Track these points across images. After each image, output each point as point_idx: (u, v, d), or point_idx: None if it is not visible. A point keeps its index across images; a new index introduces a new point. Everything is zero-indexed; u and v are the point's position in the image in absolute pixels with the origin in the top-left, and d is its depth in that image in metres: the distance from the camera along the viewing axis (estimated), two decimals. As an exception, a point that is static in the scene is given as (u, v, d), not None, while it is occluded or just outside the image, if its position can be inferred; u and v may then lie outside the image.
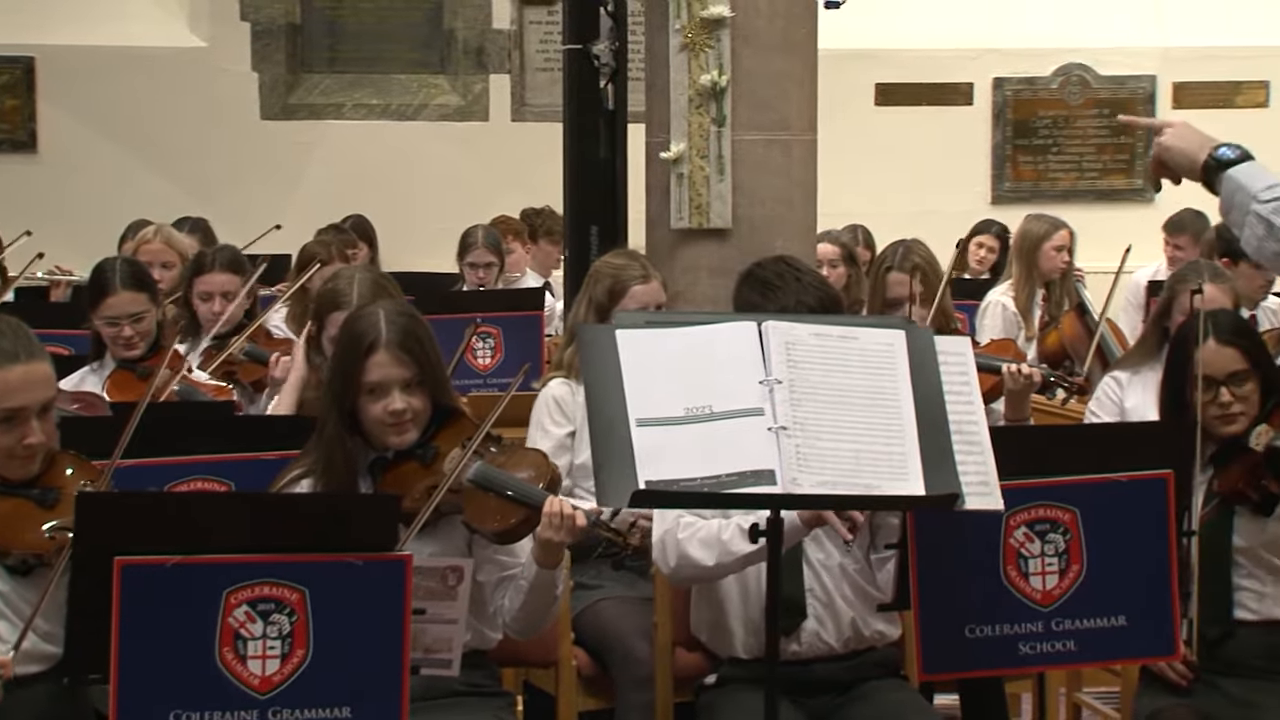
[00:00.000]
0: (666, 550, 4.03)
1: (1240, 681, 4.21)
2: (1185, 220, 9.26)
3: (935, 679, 4.24)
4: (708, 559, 3.98)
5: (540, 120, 10.69)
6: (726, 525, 3.96)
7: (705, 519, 4.03)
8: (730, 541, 3.94)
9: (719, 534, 3.97)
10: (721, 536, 3.96)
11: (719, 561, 3.98)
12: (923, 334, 3.59)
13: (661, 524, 4.05)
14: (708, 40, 5.99)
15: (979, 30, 11.78)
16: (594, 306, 4.95)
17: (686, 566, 4.03)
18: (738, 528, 3.91)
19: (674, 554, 4.02)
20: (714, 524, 4.00)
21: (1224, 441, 4.24)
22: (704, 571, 4.03)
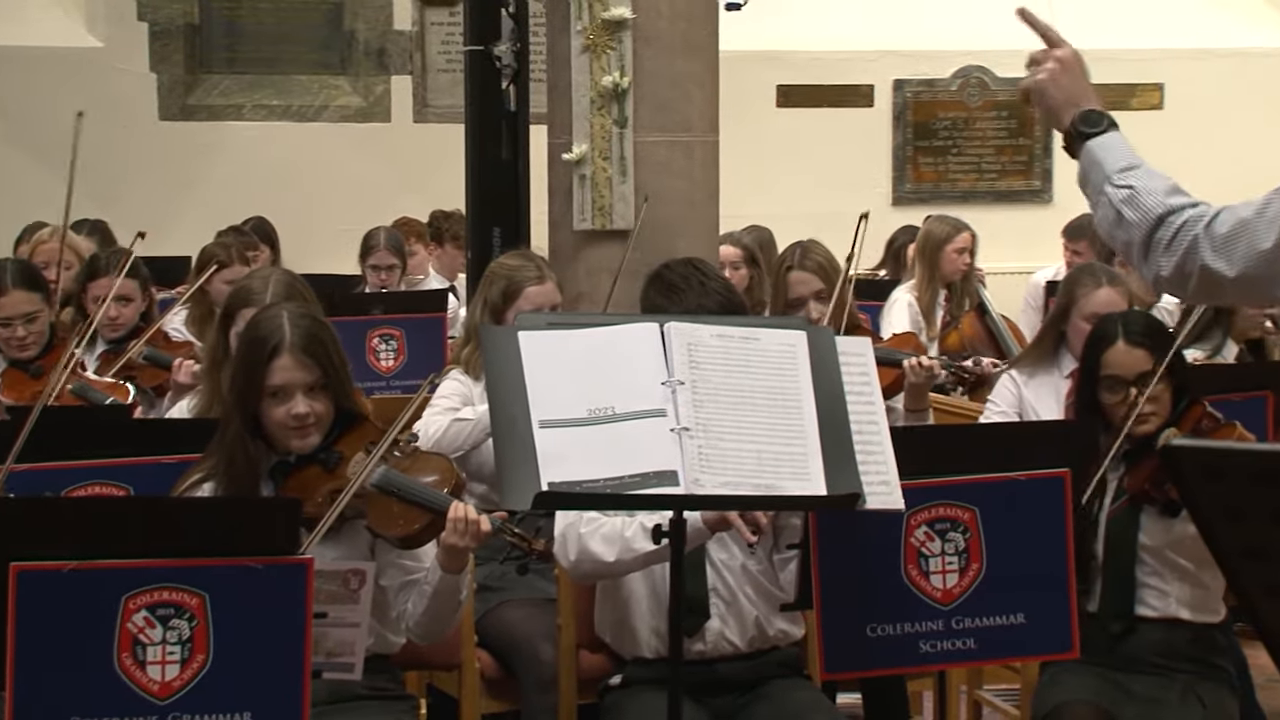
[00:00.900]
0: (568, 544, 4.03)
1: (1140, 678, 4.25)
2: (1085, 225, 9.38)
3: (837, 678, 4.26)
4: (609, 555, 3.98)
5: (442, 121, 10.66)
6: (630, 522, 3.96)
7: (609, 515, 4.03)
8: (633, 539, 3.94)
9: (622, 530, 3.97)
10: (624, 534, 3.96)
11: (620, 558, 3.98)
12: (824, 335, 3.61)
13: (564, 518, 4.05)
14: (609, 42, 6.00)
15: (879, 32, 11.86)
16: (489, 307, 4.94)
17: (587, 561, 4.03)
18: (640, 525, 3.92)
19: (575, 548, 4.02)
20: (618, 520, 4.00)
21: (1136, 441, 4.29)
22: (604, 568, 4.03)
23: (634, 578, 4.15)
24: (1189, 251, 2.83)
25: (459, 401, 4.86)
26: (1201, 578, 4.25)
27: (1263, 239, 2.77)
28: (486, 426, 4.60)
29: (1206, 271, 2.81)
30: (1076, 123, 2.97)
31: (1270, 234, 2.76)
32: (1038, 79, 3.04)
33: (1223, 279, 2.80)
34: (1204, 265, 2.81)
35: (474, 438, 4.73)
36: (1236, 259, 2.79)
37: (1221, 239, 2.80)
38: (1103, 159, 2.93)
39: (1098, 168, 2.94)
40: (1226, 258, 2.79)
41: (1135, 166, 2.92)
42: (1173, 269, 2.85)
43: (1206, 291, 2.86)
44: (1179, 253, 2.84)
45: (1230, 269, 2.79)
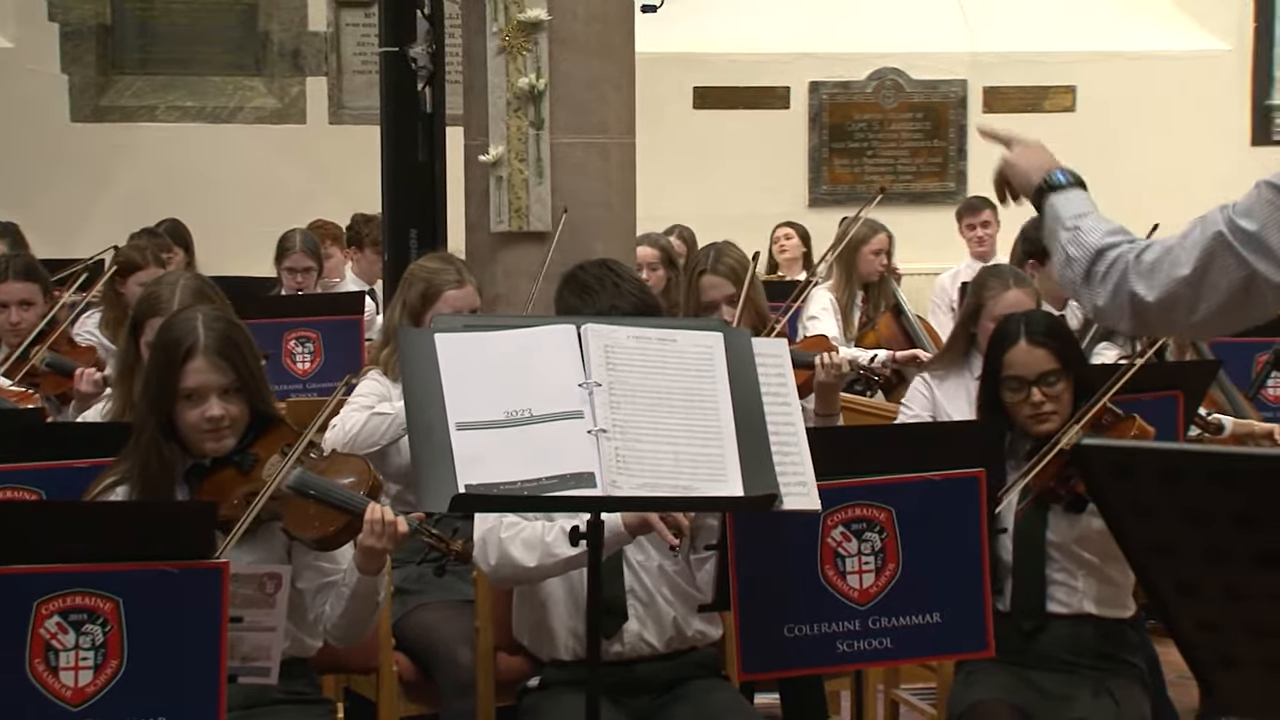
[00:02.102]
0: (488, 549, 4.02)
1: (1052, 675, 4.29)
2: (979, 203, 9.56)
3: (755, 678, 4.27)
4: (529, 560, 3.98)
5: (358, 123, 10.62)
6: (550, 527, 3.96)
7: (529, 519, 4.03)
8: (553, 544, 3.94)
9: (542, 535, 3.97)
10: (545, 538, 3.96)
11: (540, 563, 3.97)
12: (741, 336, 3.62)
13: (484, 522, 4.04)
14: (525, 44, 5.99)
15: (795, 35, 11.91)
16: (408, 310, 4.92)
17: (506, 566, 4.02)
18: (561, 530, 3.91)
19: (495, 553, 4.01)
20: (538, 525, 4.00)
21: (1038, 440, 4.33)
22: (524, 572, 4.02)
23: (552, 580, 4.15)
24: (1120, 281, 2.95)
25: (374, 401, 4.84)
26: (1109, 573, 4.30)
27: (1181, 265, 2.88)
28: (404, 422, 4.59)
29: (1134, 299, 2.93)
30: (1045, 179, 3.14)
31: (1189, 260, 2.87)
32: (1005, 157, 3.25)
33: (1144, 303, 2.92)
34: (1131, 292, 2.94)
35: (391, 433, 4.71)
36: (1156, 284, 2.90)
37: (1148, 266, 2.93)
38: (1060, 210, 3.13)
39: (1055, 219, 3.14)
40: (1148, 283, 2.92)
41: (1087, 214, 3.09)
42: (1107, 298, 2.98)
43: (1136, 317, 2.98)
44: (1112, 283, 2.96)
45: (1150, 293, 2.90)
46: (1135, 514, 1.78)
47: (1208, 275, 2.84)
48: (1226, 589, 1.78)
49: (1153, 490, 1.75)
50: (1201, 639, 1.85)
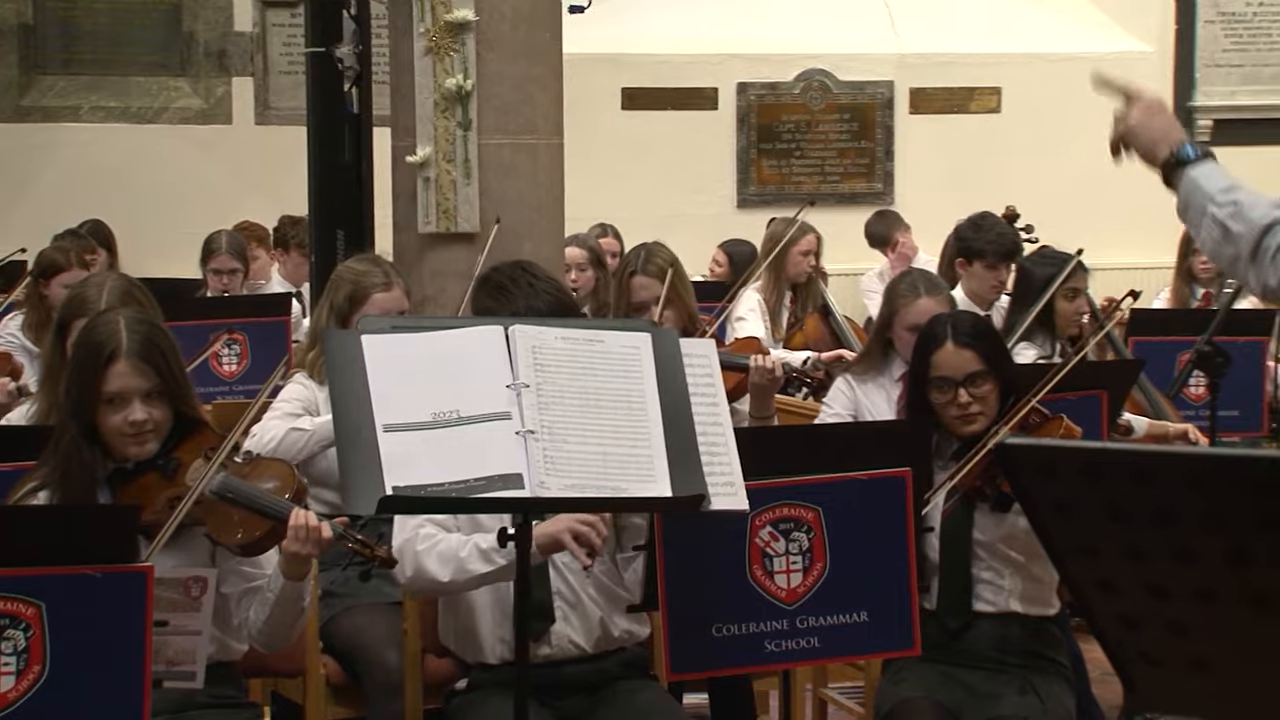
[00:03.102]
0: (404, 560, 4.00)
1: (978, 673, 4.31)
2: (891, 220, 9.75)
3: (683, 678, 4.28)
4: (443, 575, 3.97)
5: (285, 124, 10.55)
6: (465, 543, 3.95)
7: (447, 530, 4.02)
8: (467, 560, 3.93)
9: (457, 550, 3.95)
10: (459, 554, 3.95)
11: (454, 579, 3.97)
12: (668, 337, 3.63)
13: (401, 533, 4.03)
14: (452, 44, 5.98)
15: (723, 36, 11.92)
16: (335, 312, 4.90)
17: (422, 579, 4.02)
18: (475, 547, 3.91)
19: (411, 565, 4.00)
20: (454, 539, 3.98)
21: (964, 440, 4.35)
22: (439, 586, 4.02)
23: (479, 583, 4.14)
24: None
25: (299, 407, 4.81)
26: (1034, 571, 4.32)
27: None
28: (322, 439, 4.59)
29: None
30: (1175, 153, 3.03)
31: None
32: (1128, 123, 3.10)
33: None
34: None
35: (308, 449, 4.68)
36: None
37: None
38: (1204, 184, 2.99)
39: (1199, 192, 2.99)
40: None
41: (1237, 187, 2.97)
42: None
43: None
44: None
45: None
46: (1058, 513, 1.80)
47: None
48: (1148, 586, 1.80)
49: (1075, 489, 1.77)
50: (1124, 636, 1.86)
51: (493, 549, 3.87)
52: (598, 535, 3.81)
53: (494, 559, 3.88)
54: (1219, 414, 5.85)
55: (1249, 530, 1.70)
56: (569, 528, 3.79)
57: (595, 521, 3.82)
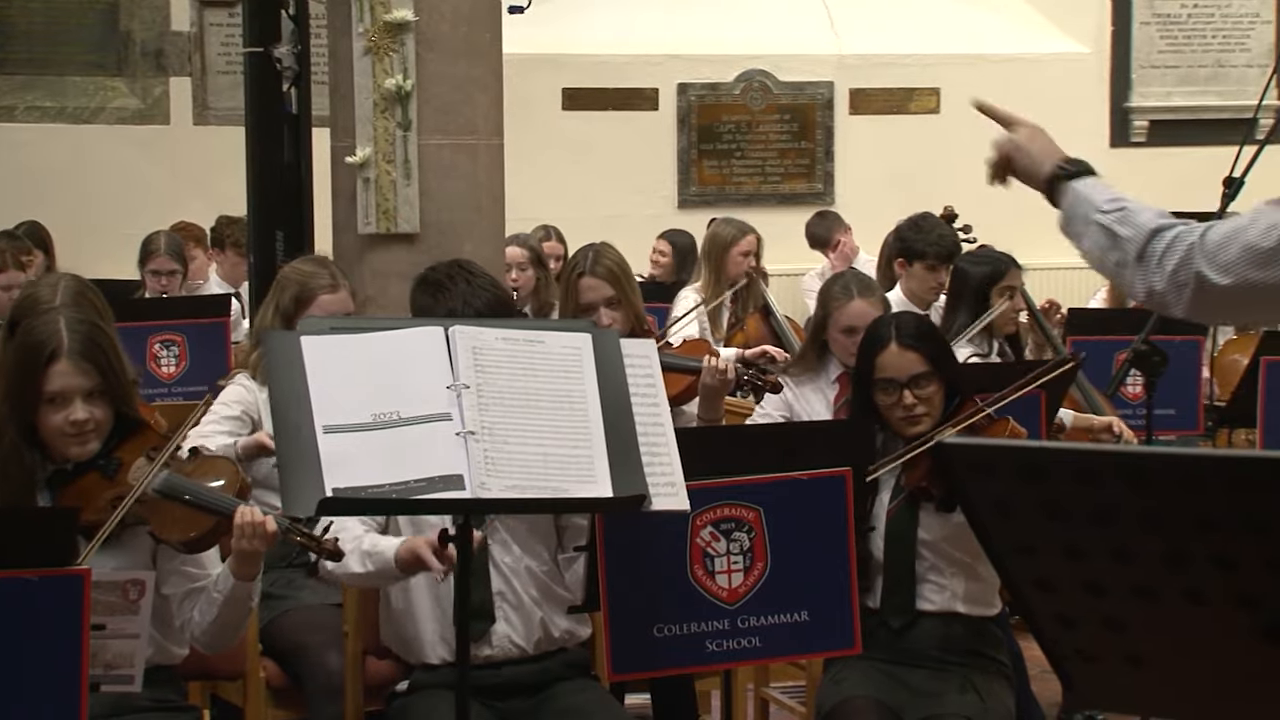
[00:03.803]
0: None
1: (919, 671, 4.33)
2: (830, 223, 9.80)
3: (625, 678, 4.28)
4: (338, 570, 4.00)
5: (223, 124, 10.50)
6: (358, 539, 3.99)
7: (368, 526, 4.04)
8: (349, 556, 3.94)
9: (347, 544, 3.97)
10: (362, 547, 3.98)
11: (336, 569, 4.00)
12: (609, 337, 3.63)
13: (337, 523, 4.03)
14: (392, 44, 5.96)
15: (663, 36, 11.94)
16: (280, 313, 4.87)
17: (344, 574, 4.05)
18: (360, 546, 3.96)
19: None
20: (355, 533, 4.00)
21: (909, 441, 4.37)
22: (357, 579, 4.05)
23: (418, 585, 4.13)
24: (1184, 261, 2.84)
25: (239, 410, 4.79)
26: (978, 571, 4.34)
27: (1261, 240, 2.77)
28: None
29: (1201, 279, 2.81)
30: (1059, 166, 3.05)
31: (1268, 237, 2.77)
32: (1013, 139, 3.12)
33: (1215, 287, 2.81)
34: (1199, 273, 2.81)
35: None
36: (1230, 266, 2.80)
37: (1215, 245, 2.81)
38: (1090, 195, 3.00)
39: (1084, 203, 3.00)
40: (1221, 265, 2.80)
41: (1124, 197, 2.98)
42: (1166, 281, 2.86)
43: (1200, 302, 2.85)
44: (1172, 263, 2.85)
45: (1224, 277, 2.80)
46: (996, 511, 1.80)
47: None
48: (1086, 584, 1.81)
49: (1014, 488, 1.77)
50: (1061, 634, 1.87)
51: (369, 551, 3.92)
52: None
53: (366, 564, 3.94)
54: (1156, 412, 5.90)
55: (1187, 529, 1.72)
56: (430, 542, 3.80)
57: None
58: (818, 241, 10.33)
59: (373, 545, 3.97)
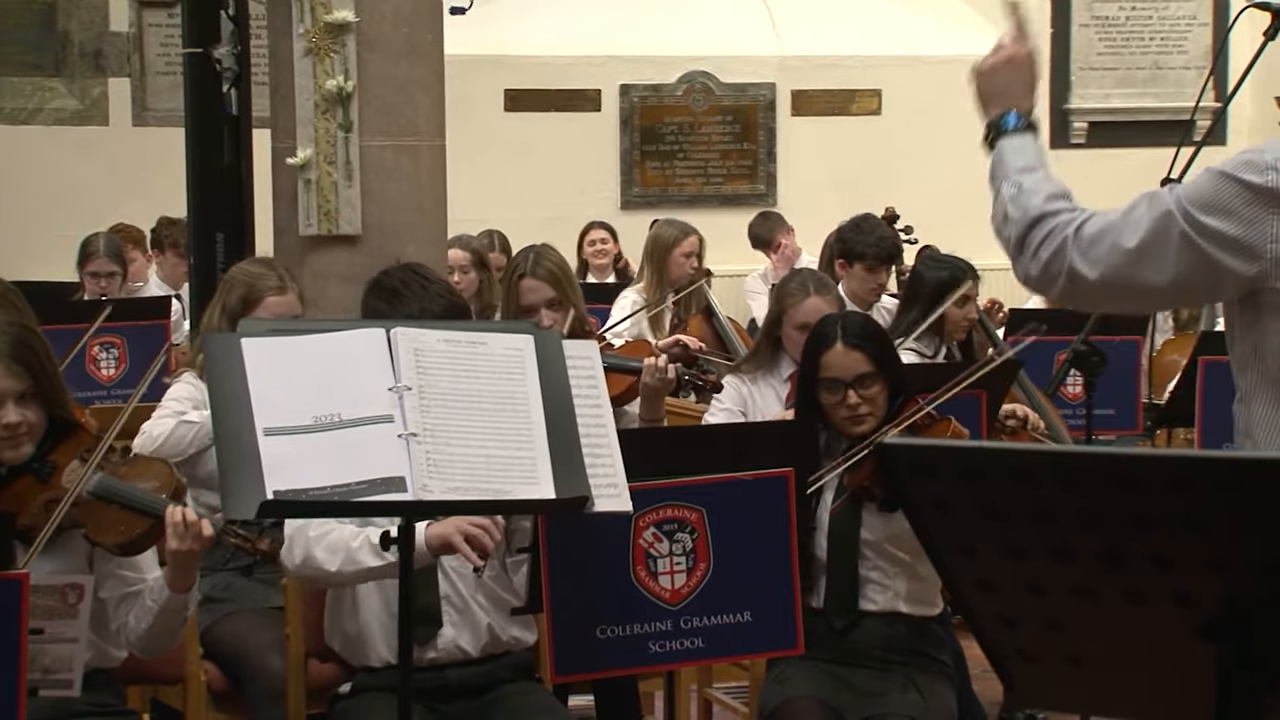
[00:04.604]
0: (294, 546, 3.98)
1: (862, 671, 4.34)
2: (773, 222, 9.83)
3: (568, 680, 4.28)
4: (331, 564, 3.95)
5: (162, 125, 10.45)
6: (358, 533, 3.93)
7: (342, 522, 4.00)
8: (358, 551, 3.91)
9: (349, 541, 3.93)
10: (350, 544, 3.93)
11: (341, 569, 3.95)
12: (551, 338, 3.63)
13: (293, 520, 4.00)
14: (333, 45, 5.93)
15: (604, 37, 11.94)
16: (227, 314, 4.84)
17: (310, 567, 3.99)
18: (368, 540, 3.89)
19: (301, 552, 3.98)
20: (347, 530, 3.96)
21: (853, 440, 4.38)
22: (326, 575, 4.00)
23: (365, 587, 4.12)
24: (1057, 253, 2.89)
25: (189, 405, 4.77)
26: (920, 571, 4.36)
27: (1126, 239, 2.82)
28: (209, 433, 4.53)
29: (1072, 272, 2.86)
30: (996, 120, 3.06)
31: (1134, 234, 2.82)
32: (981, 66, 3.12)
33: (1085, 280, 2.86)
34: (1070, 266, 2.87)
35: (198, 441, 4.63)
36: (1099, 260, 2.85)
37: (1088, 240, 2.86)
38: (1008, 158, 3.03)
39: (1001, 165, 3.03)
40: (1091, 260, 2.85)
41: (1033, 169, 3.00)
42: (1041, 268, 2.91)
43: (1071, 292, 2.91)
44: (1047, 254, 2.90)
45: (1092, 271, 2.85)
46: (937, 512, 1.81)
47: (1153, 252, 2.80)
48: (1026, 584, 1.82)
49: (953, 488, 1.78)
50: (1002, 634, 1.88)
51: None
52: (490, 538, 3.80)
53: (384, 555, 3.87)
54: (1095, 412, 5.93)
55: (1124, 529, 1.73)
56: (460, 529, 3.78)
57: (488, 525, 3.81)
58: (760, 242, 10.35)
59: None
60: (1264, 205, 2.73)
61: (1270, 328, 2.77)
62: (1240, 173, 2.75)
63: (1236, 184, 2.74)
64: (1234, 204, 2.75)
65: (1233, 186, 2.75)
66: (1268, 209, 2.73)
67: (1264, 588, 1.71)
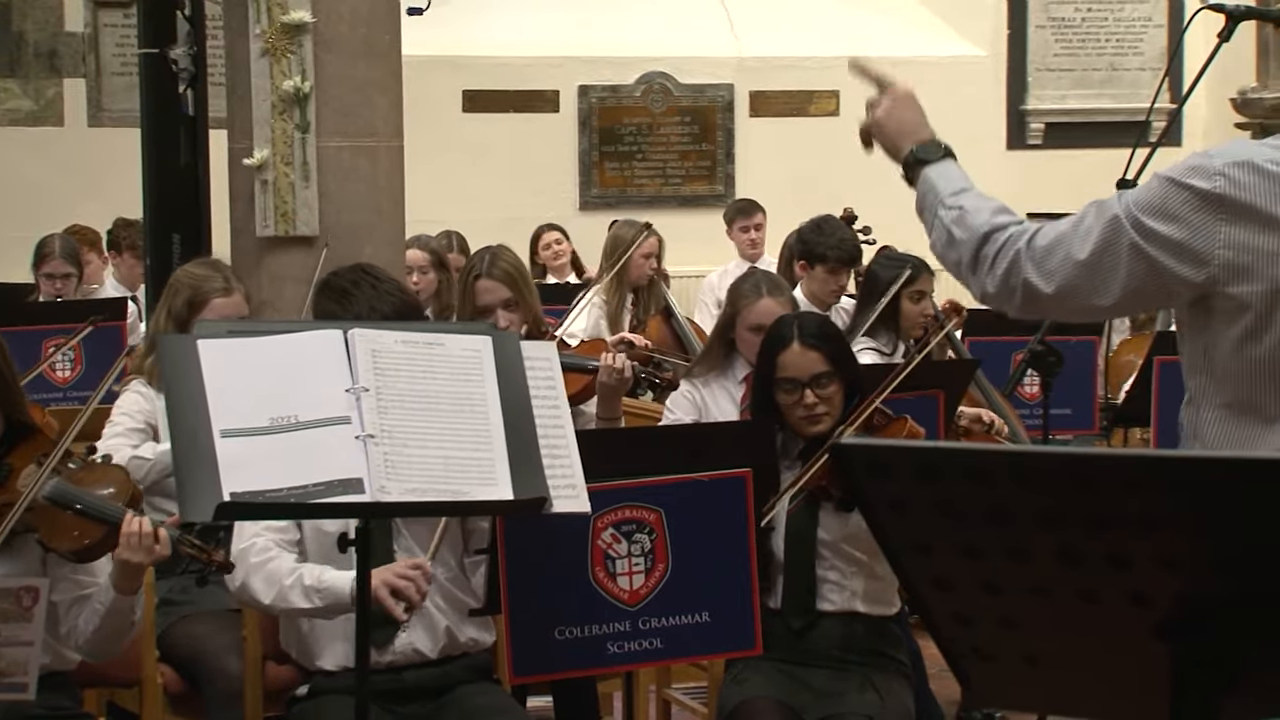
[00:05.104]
0: (237, 569, 3.96)
1: (820, 671, 4.35)
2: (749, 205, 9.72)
3: (527, 681, 4.27)
4: (265, 596, 3.95)
5: (118, 125, 10.40)
6: (294, 571, 3.93)
7: (283, 547, 3.99)
8: (290, 590, 3.91)
9: (283, 578, 3.92)
10: (284, 581, 3.92)
11: (274, 604, 3.96)
12: (509, 340, 3.62)
13: (240, 540, 3.99)
14: (289, 46, 5.92)
15: (563, 38, 11.94)
16: (173, 317, 4.82)
17: (246, 593, 4.00)
18: (300, 580, 3.90)
19: (240, 576, 3.97)
20: (285, 562, 3.95)
21: (810, 440, 4.39)
22: (260, 605, 4.01)
23: (321, 590, 4.11)
24: (1012, 266, 2.88)
25: (141, 420, 4.74)
26: (877, 570, 4.36)
27: (1077, 250, 2.83)
28: (163, 469, 4.51)
29: (1028, 286, 2.86)
30: (914, 152, 3.06)
31: (1085, 245, 2.82)
32: (875, 115, 3.12)
33: (1042, 294, 2.87)
34: (1026, 280, 2.86)
35: (150, 478, 4.60)
36: (1054, 273, 2.85)
37: (1041, 252, 2.86)
38: (937, 185, 3.02)
39: (932, 193, 3.02)
40: (1045, 272, 2.85)
41: (966, 190, 3.00)
42: (998, 284, 2.91)
43: (1030, 306, 2.91)
44: (1002, 268, 2.89)
45: (1048, 284, 2.85)
46: (893, 511, 1.82)
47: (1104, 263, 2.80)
48: (982, 584, 1.83)
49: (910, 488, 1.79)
50: (959, 633, 1.89)
51: (316, 587, 3.88)
52: (417, 590, 3.79)
53: (313, 599, 3.89)
54: (1052, 412, 5.96)
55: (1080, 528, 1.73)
56: (386, 581, 3.77)
57: (415, 577, 3.80)
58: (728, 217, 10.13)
59: (318, 581, 3.90)
60: (1212, 211, 2.74)
61: (1220, 331, 2.79)
62: (1188, 178, 2.76)
63: (1185, 190, 2.75)
64: (1182, 210, 2.76)
65: (1181, 193, 2.75)
66: (1215, 214, 2.74)
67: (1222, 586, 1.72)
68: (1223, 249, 2.73)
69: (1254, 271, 2.73)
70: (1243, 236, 2.72)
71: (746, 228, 9.65)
